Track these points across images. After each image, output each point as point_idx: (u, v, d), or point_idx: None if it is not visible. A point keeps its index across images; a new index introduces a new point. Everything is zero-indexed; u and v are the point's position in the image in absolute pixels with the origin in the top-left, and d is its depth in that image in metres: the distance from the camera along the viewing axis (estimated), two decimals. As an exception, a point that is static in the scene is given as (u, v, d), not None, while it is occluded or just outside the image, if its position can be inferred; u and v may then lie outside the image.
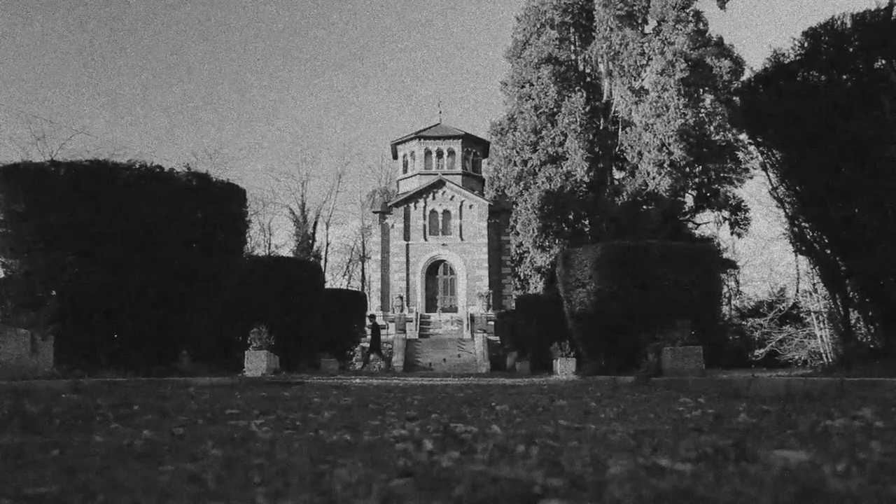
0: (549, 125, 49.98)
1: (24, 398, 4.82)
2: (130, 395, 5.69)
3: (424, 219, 46.58)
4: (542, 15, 52.42)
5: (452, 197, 46.82)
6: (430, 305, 46.09)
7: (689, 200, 50.47)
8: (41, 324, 7.66)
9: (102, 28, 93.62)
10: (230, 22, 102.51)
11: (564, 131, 49.22)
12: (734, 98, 13.05)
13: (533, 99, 50.68)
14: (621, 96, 50.68)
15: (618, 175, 52.37)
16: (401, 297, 44.53)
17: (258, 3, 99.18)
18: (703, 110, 47.94)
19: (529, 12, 53.23)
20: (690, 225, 50.93)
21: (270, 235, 65.30)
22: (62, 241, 9.66)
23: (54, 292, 9.32)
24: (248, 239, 13.19)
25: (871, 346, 8.24)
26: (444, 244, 46.41)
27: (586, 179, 48.80)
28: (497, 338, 36.17)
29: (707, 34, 49.07)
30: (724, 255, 45.99)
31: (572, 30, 53.10)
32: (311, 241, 64.36)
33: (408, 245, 46.26)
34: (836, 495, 1.38)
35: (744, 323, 38.64)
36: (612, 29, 49.83)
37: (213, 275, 10.81)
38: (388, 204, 46.89)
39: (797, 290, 32.91)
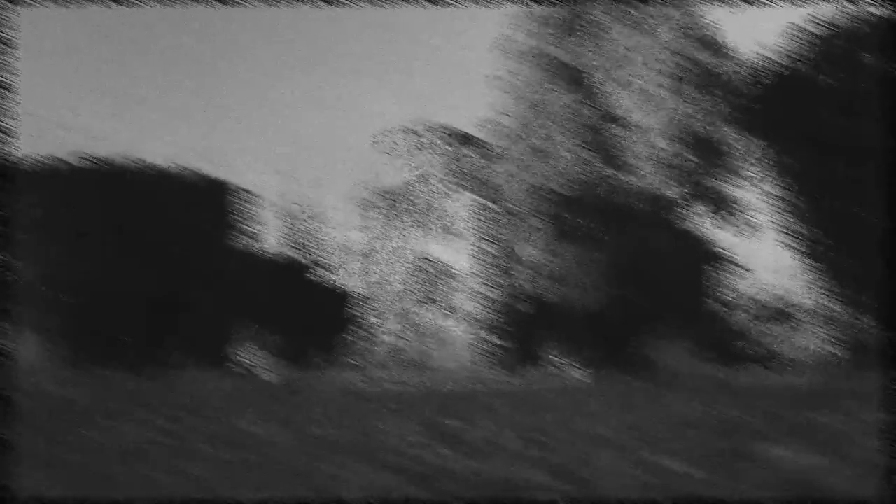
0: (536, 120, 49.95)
1: (22, 396, 4.81)
2: (129, 394, 5.67)
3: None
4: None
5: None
6: (427, 304, 46.11)
7: (685, 199, 50.54)
8: (41, 323, 7.64)
9: (102, 27, 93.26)
10: (230, 21, 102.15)
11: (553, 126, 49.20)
12: (731, 96, 13.06)
13: (523, 95, 50.66)
14: (614, 93, 50.72)
15: (611, 173, 52.40)
16: (398, 296, 44.53)
17: (258, 3, 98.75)
18: (699, 108, 48.01)
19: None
20: (687, 223, 50.99)
21: (267, 233, 65.14)
22: (60, 241, 9.63)
23: (54, 292, 9.30)
24: (245, 237, 13.19)
25: (872, 345, 8.25)
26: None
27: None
28: (494, 337, 36.12)
29: (703, 30, 49.14)
30: (723, 255, 46.03)
31: (561, 24, 53.12)
32: (306, 240, 64.25)
33: (404, 244, 46.28)
34: (835, 492, 1.39)
35: (742, 322, 38.63)
36: (602, 23, 49.86)
37: (210, 273, 10.79)
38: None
39: (798, 290, 32.89)
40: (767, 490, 1.41)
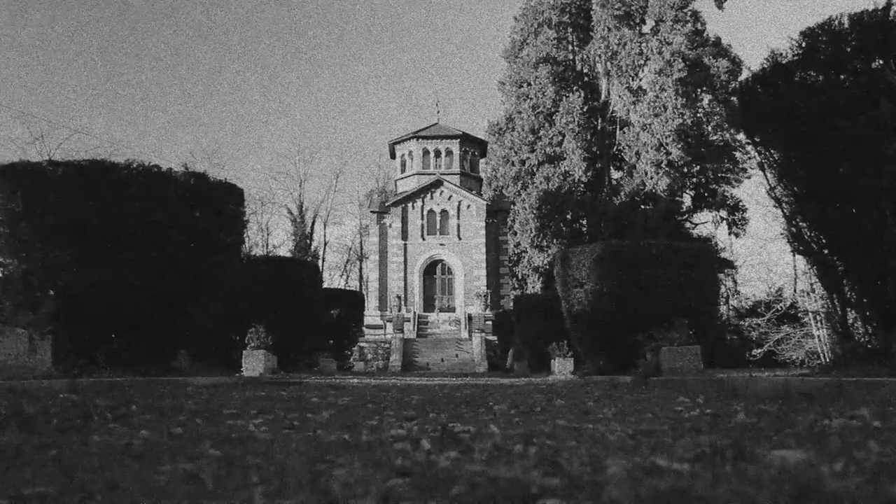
0: (546, 125, 50.01)
1: (21, 398, 4.82)
2: (128, 395, 5.68)
3: (422, 218, 46.58)
4: (539, 15, 52.46)
5: (450, 197, 46.83)
6: (428, 305, 46.10)
7: (686, 200, 50.51)
8: (39, 324, 7.65)
9: (101, 28, 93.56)
10: (230, 22, 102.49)
11: (562, 131, 49.25)
12: (732, 98, 13.06)
13: (531, 99, 50.70)
14: (619, 96, 50.71)
15: (616, 175, 52.41)
16: (399, 297, 44.51)
17: (258, 3, 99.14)
18: (700, 110, 47.99)
19: (527, 12, 53.26)
20: (688, 225, 50.97)
21: (268, 235, 65.37)
22: (60, 241, 9.65)
23: (52, 292, 9.31)
24: (246, 238, 13.23)
25: (869, 345, 8.25)
26: (441, 244, 46.42)
27: (584, 179, 48.84)
28: (495, 338, 36.18)
29: (705, 34, 49.12)
30: (722, 255, 46.02)
31: (570, 30, 53.12)
32: (308, 241, 64.35)
33: (406, 245, 46.26)
34: (834, 495, 1.39)
35: (742, 323, 38.64)
36: (609, 29, 49.86)
37: (210, 274, 10.81)
38: (386, 204, 46.87)
39: (795, 290, 32.94)
40: (768, 490, 1.40)
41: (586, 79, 53.54)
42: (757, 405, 4.30)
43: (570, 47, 53.50)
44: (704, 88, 48.17)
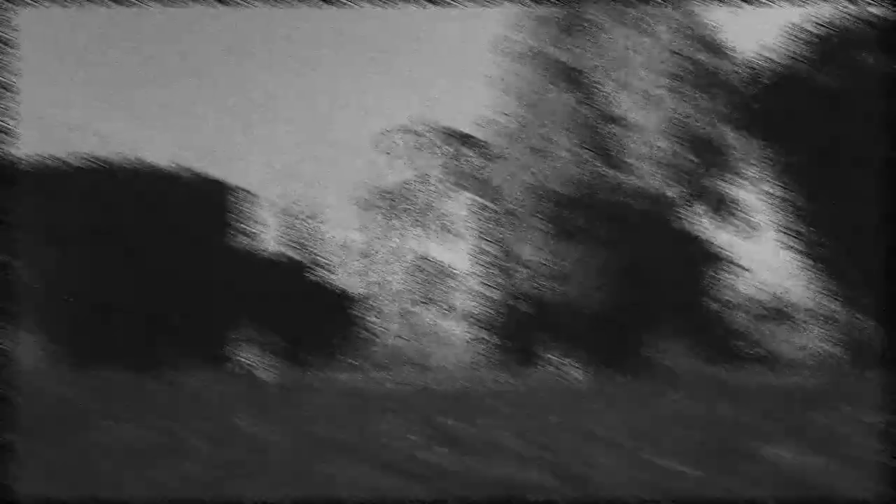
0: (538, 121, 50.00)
1: (18, 396, 4.81)
2: (128, 394, 5.67)
3: (420, 217, 46.62)
4: (533, 11, 52.49)
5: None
6: (428, 304, 46.14)
7: (684, 199, 50.57)
8: (38, 322, 7.64)
9: (101, 27, 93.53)
10: (231, 21, 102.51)
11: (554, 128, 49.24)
12: (730, 95, 13.04)
13: (522, 95, 50.68)
14: (614, 94, 50.73)
15: (611, 173, 52.41)
16: (398, 297, 44.57)
17: (258, 2, 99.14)
18: (698, 108, 48.04)
19: (521, 8, 53.30)
20: (686, 224, 51.00)
21: (266, 234, 65.39)
22: (61, 241, 9.64)
23: (55, 292, 9.30)
24: (246, 238, 13.23)
25: (871, 346, 8.24)
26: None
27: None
28: (495, 337, 36.12)
29: (703, 31, 49.16)
30: (722, 255, 46.03)
31: (560, 24, 53.15)
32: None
33: (405, 244, 46.31)
34: (834, 493, 1.38)
35: (741, 322, 38.63)
36: (605, 26, 49.90)
37: (210, 273, 10.80)
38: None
39: (794, 290, 32.90)
40: (767, 490, 1.40)
41: (579, 75, 53.57)
42: (756, 405, 4.30)
43: (563, 43, 53.52)
44: (704, 87, 48.21)
